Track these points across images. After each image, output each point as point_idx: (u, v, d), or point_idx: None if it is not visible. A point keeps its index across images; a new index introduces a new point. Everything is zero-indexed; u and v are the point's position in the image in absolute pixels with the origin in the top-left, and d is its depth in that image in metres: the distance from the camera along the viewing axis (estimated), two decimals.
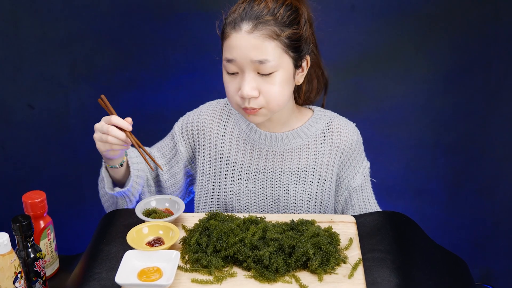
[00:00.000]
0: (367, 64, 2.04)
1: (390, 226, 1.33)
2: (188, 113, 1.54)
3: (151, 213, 1.35)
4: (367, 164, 1.54)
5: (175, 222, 1.34)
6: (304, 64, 1.38)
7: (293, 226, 1.29)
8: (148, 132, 1.61)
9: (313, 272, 1.18)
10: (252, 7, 1.30)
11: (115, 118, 1.32)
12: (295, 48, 1.33)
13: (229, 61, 1.31)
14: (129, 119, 1.34)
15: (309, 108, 1.52)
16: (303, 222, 1.29)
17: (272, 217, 1.35)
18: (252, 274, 1.17)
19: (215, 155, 1.49)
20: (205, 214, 1.34)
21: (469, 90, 2.06)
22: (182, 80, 2.06)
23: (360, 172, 1.51)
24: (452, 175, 2.18)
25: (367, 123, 2.11)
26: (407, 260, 1.25)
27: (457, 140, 2.13)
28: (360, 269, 1.19)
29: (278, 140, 1.46)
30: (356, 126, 1.53)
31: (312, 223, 1.30)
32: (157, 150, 1.54)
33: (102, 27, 1.98)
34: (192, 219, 1.36)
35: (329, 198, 1.50)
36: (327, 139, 1.48)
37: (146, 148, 1.50)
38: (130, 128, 1.33)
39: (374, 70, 2.05)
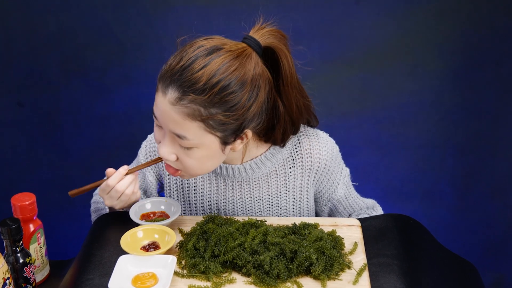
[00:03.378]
0: (372, 60, 2.04)
1: (396, 229, 1.33)
2: (149, 137, 1.50)
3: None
4: (346, 172, 1.49)
5: (171, 225, 1.34)
6: (243, 135, 1.26)
7: (295, 230, 1.29)
8: (143, 131, 1.61)
9: (316, 278, 1.18)
10: (188, 70, 1.17)
11: (111, 181, 1.31)
12: (224, 130, 1.21)
13: (154, 115, 1.25)
14: (125, 167, 1.34)
15: None
16: (305, 226, 1.29)
17: (273, 220, 1.35)
18: (252, 280, 1.17)
19: (181, 184, 1.46)
20: (203, 217, 1.34)
21: (480, 87, 2.06)
22: None
23: (341, 183, 1.47)
24: (462, 176, 2.18)
25: (373, 121, 2.11)
26: (414, 266, 1.25)
27: (467, 140, 2.13)
28: (366, 275, 1.19)
29: (241, 171, 1.40)
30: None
31: (315, 226, 1.30)
32: None
33: (95, 21, 1.98)
34: (189, 222, 1.36)
35: (308, 215, 1.48)
36: (296, 163, 1.41)
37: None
38: (126, 169, 1.33)
39: (380, 66, 2.05)
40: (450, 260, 1.39)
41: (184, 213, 1.49)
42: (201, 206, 1.47)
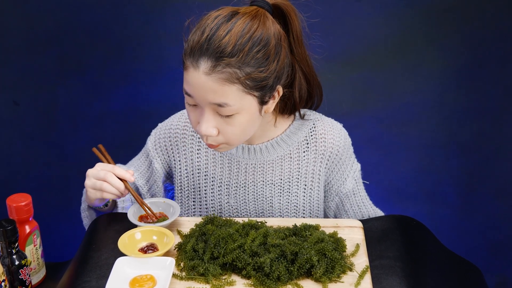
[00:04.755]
0: (374, 59, 2.04)
1: (399, 231, 1.33)
2: (159, 125, 1.53)
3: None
4: (357, 166, 1.52)
5: (170, 227, 1.34)
6: (275, 93, 1.32)
7: (296, 231, 1.29)
8: (142, 131, 1.61)
9: (317, 280, 1.18)
10: (215, 39, 1.22)
11: (118, 169, 1.33)
12: (261, 88, 1.26)
13: (188, 94, 1.28)
14: (131, 171, 1.35)
15: None
16: (306, 227, 1.29)
17: (274, 222, 1.35)
18: (252, 283, 1.17)
19: (192, 170, 1.48)
20: (202, 218, 1.34)
21: (484, 86, 2.06)
22: (178, 75, 2.04)
23: (350, 176, 1.50)
24: (465, 177, 2.18)
25: (375, 121, 2.11)
26: (417, 268, 1.25)
27: (471, 140, 2.13)
28: (368, 277, 1.19)
29: (256, 152, 1.44)
30: (343, 126, 1.49)
31: (316, 228, 1.30)
32: (135, 169, 1.54)
33: (93, 18, 1.98)
34: (188, 224, 1.35)
35: (318, 206, 1.50)
36: (310, 147, 1.45)
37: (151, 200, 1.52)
38: (132, 179, 1.34)
39: (382, 65, 2.05)
40: (453, 262, 1.39)
41: (193, 201, 1.49)
42: (211, 193, 1.48)
